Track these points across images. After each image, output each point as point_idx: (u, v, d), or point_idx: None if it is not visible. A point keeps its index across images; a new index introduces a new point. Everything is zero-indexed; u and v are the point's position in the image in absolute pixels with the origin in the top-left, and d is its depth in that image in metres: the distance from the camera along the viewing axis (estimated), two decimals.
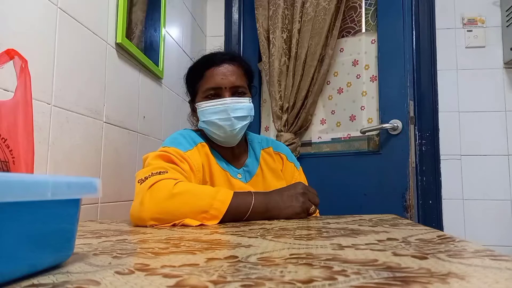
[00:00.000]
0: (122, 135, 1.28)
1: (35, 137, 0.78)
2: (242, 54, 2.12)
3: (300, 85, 1.90)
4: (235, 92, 0.99)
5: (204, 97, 0.99)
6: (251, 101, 1.00)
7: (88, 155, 1.09)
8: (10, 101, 0.71)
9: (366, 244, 0.43)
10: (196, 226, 0.73)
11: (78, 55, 1.05)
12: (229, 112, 0.96)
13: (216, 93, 0.98)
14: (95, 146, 1.12)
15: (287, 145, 1.66)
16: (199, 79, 1.01)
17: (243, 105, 0.98)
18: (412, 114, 1.91)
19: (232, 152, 1.04)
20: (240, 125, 0.98)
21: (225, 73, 0.98)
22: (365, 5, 1.93)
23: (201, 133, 1.04)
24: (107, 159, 1.18)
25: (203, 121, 0.98)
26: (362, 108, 1.84)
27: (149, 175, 0.81)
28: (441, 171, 1.95)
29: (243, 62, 1.04)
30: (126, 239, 0.54)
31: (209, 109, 0.97)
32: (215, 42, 2.22)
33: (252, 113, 1.01)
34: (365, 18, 1.92)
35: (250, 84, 1.06)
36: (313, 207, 0.86)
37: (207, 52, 1.08)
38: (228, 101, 0.96)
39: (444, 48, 2.01)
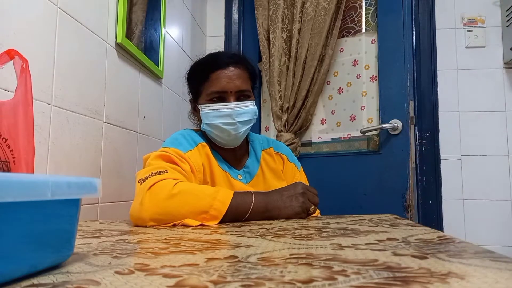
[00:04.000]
0: (122, 135, 1.28)
1: (35, 137, 0.78)
2: (242, 54, 2.13)
3: (300, 85, 1.90)
4: (240, 96, 0.98)
5: (209, 99, 0.98)
6: (254, 103, 1.00)
7: (88, 155, 1.09)
8: (11, 101, 0.71)
9: (366, 244, 0.43)
10: (196, 226, 0.73)
11: (78, 55, 1.05)
12: (234, 116, 0.95)
13: (221, 97, 0.97)
14: (95, 146, 1.12)
15: (287, 145, 1.66)
16: (203, 81, 1.00)
17: (248, 109, 0.97)
18: (412, 114, 1.91)
19: (233, 153, 1.04)
20: (244, 128, 0.98)
21: (231, 76, 0.97)
22: (365, 5, 1.93)
23: (202, 133, 1.04)
24: (107, 159, 1.18)
25: (207, 123, 0.98)
26: (362, 108, 1.84)
27: (149, 175, 0.81)
28: (441, 171, 1.95)
29: (248, 64, 1.03)
30: (126, 239, 0.54)
31: (213, 112, 0.96)
32: (215, 42, 2.22)
33: (256, 115, 1.00)
34: (365, 18, 1.92)
35: (254, 86, 1.05)
36: (313, 206, 0.86)
37: (208, 52, 1.07)
38: (233, 106, 0.96)
39: (444, 48, 2.01)
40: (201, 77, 1.00)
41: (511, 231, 1.89)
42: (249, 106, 0.98)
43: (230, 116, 0.95)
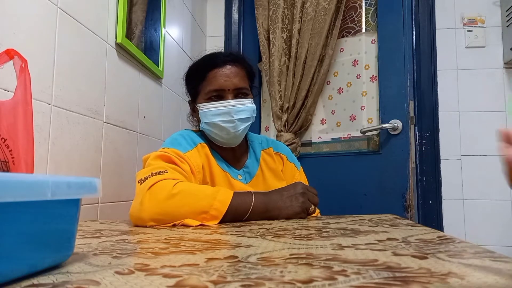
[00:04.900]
0: (122, 135, 1.28)
1: (35, 137, 0.78)
2: (242, 54, 2.13)
3: (300, 85, 1.90)
4: (238, 93, 0.98)
5: (207, 98, 0.98)
6: (253, 101, 1.00)
7: (88, 155, 1.09)
8: (10, 101, 0.71)
9: (366, 244, 0.43)
10: (196, 226, 0.73)
11: (78, 55, 1.05)
12: (232, 114, 0.96)
13: (219, 95, 0.97)
14: (95, 146, 1.12)
15: (287, 145, 1.66)
16: (201, 80, 1.00)
17: (246, 107, 0.97)
18: (412, 114, 1.91)
19: (232, 153, 1.04)
20: (243, 126, 0.98)
21: (228, 74, 0.97)
22: (365, 5, 1.93)
23: (201, 133, 1.04)
24: (107, 159, 1.18)
25: (205, 122, 0.98)
26: (362, 108, 1.84)
27: (149, 175, 0.81)
28: (441, 171, 1.95)
29: (245, 63, 1.03)
30: (126, 239, 0.54)
31: (212, 110, 0.97)
32: (215, 42, 2.22)
33: (255, 113, 1.00)
34: (365, 18, 1.92)
35: (252, 85, 1.06)
36: (313, 206, 0.86)
37: (207, 52, 1.08)
38: (231, 103, 0.96)
39: (444, 48, 2.01)
40: (199, 76, 1.00)
41: (511, 231, 1.89)
42: (248, 104, 0.98)
43: (229, 113, 0.96)
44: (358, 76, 1.86)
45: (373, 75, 1.83)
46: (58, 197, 0.30)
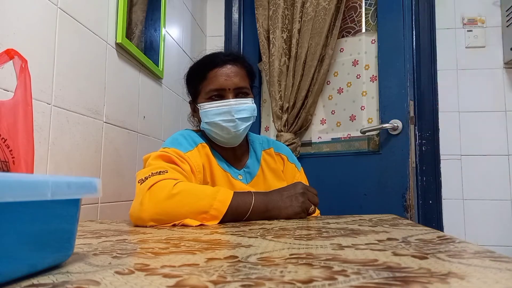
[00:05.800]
0: (122, 135, 1.28)
1: (35, 137, 0.78)
2: (242, 54, 2.13)
3: (300, 85, 1.90)
4: (238, 93, 0.98)
5: (207, 98, 0.98)
6: (253, 101, 1.00)
7: (88, 155, 1.09)
8: (10, 101, 0.71)
9: (366, 244, 0.43)
10: (196, 226, 0.73)
11: (78, 55, 1.05)
12: (233, 113, 0.96)
13: (219, 95, 0.98)
14: (95, 146, 1.12)
15: (287, 145, 1.66)
16: (201, 80, 1.00)
17: (247, 106, 0.98)
18: (412, 114, 1.91)
19: (233, 153, 1.04)
20: (244, 126, 0.98)
21: (229, 74, 0.98)
22: (365, 5, 1.93)
23: (202, 133, 1.04)
24: (107, 159, 1.18)
25: (206, 122, 0.98)
26: (362, 108, 1.84)
27: (149, 175, 0.81)
28: (441, 171, 1.95)
29: (245, 62, 1.04)
30: (126, 239, 0.54)
31: (213, 110, 0.97)
32: (215, 42, 2.22)
33: (255, 113, 1.01)
34: (365, 18, 1.92)
35: (252, 84, 1.06)
36: (313, 206, 0.86)
37: (208, 52, 1.08)
38: (232, 103, 0.96)
39: (444, 48, 2.01)
40: (199, 76, 1.01)
41: (511, 231, 1.89)
42: (248, 103, 0.98)
43: (230, 113, 0.96)
44: (358, 76, 1.86)
45: (373, 75, 1.83)
46: (58, 197, 0.30)
